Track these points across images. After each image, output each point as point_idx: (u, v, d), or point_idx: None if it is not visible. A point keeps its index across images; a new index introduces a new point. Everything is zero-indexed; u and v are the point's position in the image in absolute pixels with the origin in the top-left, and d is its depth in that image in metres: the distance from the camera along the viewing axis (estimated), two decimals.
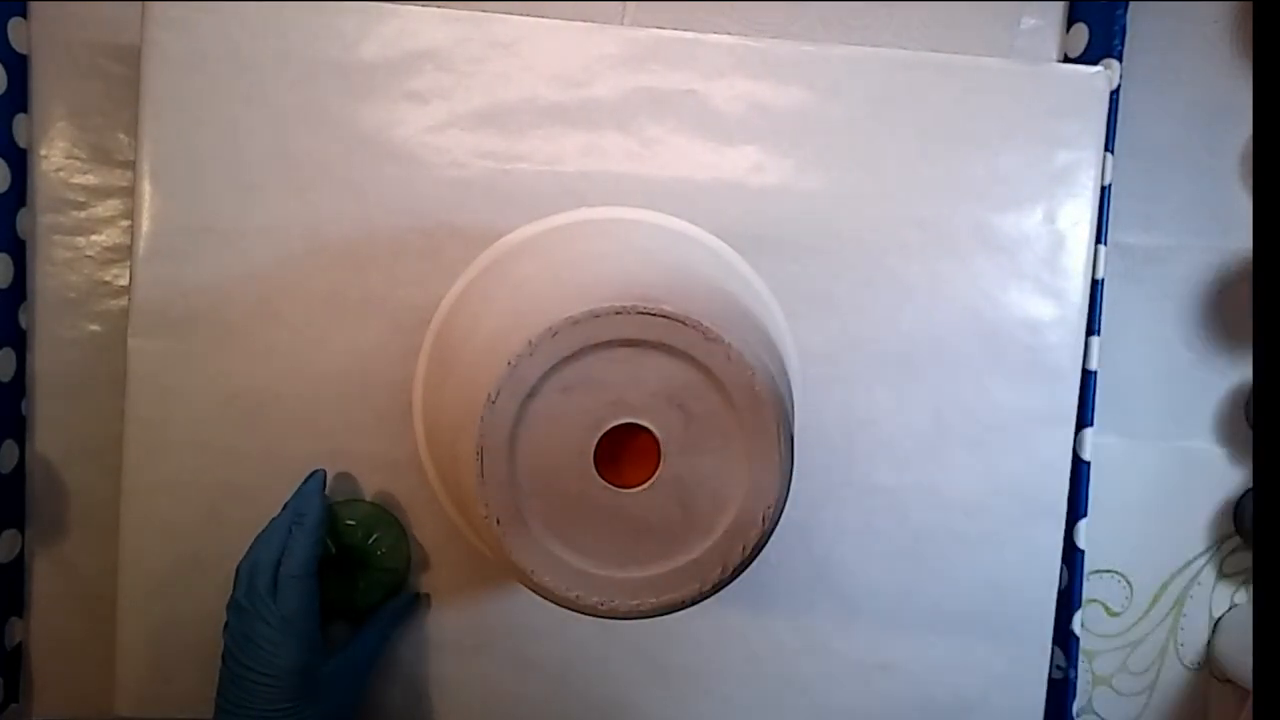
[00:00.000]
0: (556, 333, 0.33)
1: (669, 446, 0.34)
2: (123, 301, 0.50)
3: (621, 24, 0.52)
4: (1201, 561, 0.58)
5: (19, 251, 0.49)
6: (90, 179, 0.50)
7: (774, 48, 0.48)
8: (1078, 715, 0.58)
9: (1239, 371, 0.57)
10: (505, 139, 0.46)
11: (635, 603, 0.35)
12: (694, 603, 0.35)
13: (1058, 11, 0.55)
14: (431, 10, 0.46)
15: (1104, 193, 0.50)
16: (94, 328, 0.50)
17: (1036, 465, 0.50)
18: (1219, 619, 0.59)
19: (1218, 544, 0.58)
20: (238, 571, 0.42)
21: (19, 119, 0.48)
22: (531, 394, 0.33)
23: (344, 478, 0.47)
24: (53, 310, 0.50)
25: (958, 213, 0.49)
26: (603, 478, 0.34)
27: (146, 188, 0.45)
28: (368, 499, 0.47)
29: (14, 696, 0.51)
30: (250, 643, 0.41)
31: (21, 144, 0.49)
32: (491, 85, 0.46)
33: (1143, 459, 0.57)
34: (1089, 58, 0.53)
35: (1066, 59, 0.55)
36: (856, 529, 0.50)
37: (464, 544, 0.47)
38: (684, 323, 0.33)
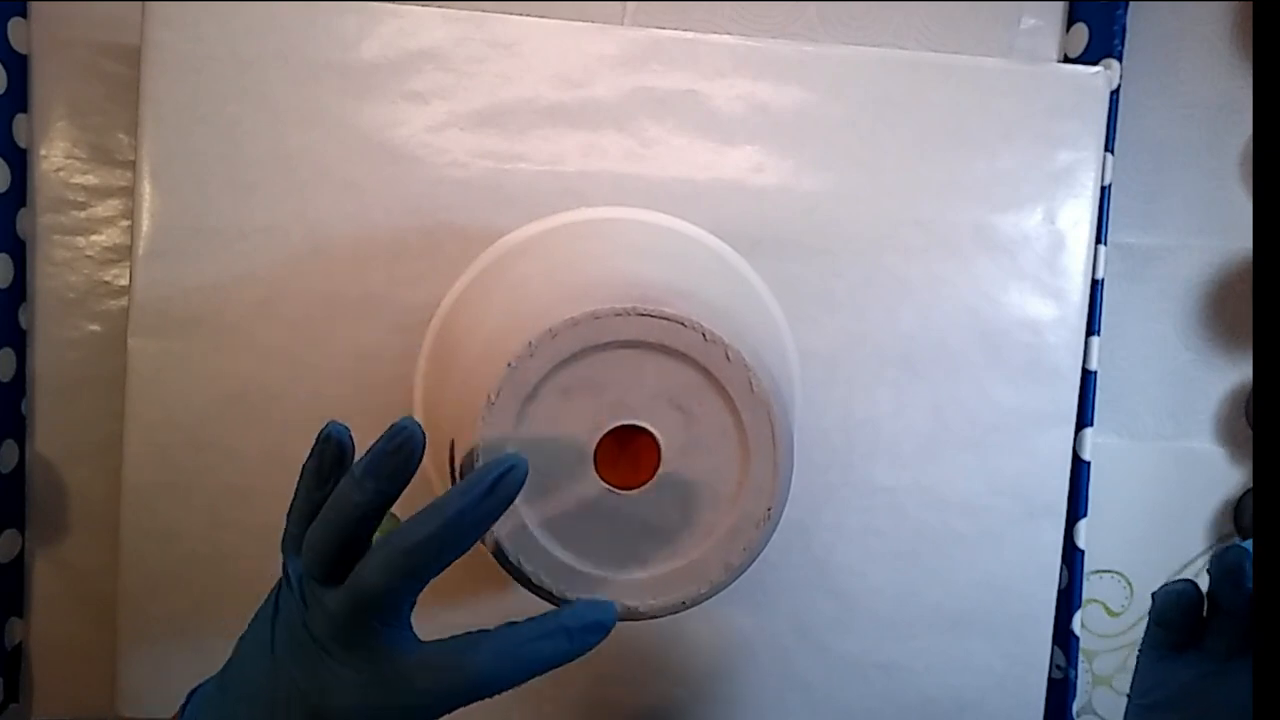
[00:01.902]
0: (556, 334, 0.33)
1: (669, 447, 0.34)
2: (123, 301, 0.50)
3: (621, 24, 0.52)
4: (1201, 561, 0.58)
5: (19, 251, 0.49)
6: (90, 179, 0.50)
7: (774, 48, 0.48)
8: (1078, 715, 0.58)
9: (1239, 371, 0.57)
10: (505, 139, 0.46)
11: (635, 603, 0.35)
12: (694, 603, 0.35)
13: (1058, 11, 0.55)
14: (431, 10, 0.46)
15: (1104, 193, 0.50)
16: (94, 328, 0.50)
17: (1036, 465, 0.50)
18: None
19: (1218, 544, 0.58)
20: (304, 542, 0.33)
21: (19, 119, 0.48)
22: (531, 395, 0.33)
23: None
24: (53, 310, 0.50)
25: (958, 213, 0.49)
26: (603, 479, 0.34)
27: (146, 188, 0.45)
28: None
29: (14, 696, 0.51)
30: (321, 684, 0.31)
31: (21, 144, 0.49)
32: (491, 85, 0.46)
33: (1143, 459, 0.57)
34: (1089, 58, 0.53)
35: (1066, 59, 0.55)
36: (856, 529, 0.50)
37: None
38: (683, 324, 0.33)
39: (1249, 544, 0.36)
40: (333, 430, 0.33)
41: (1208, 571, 0.37)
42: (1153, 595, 0.38)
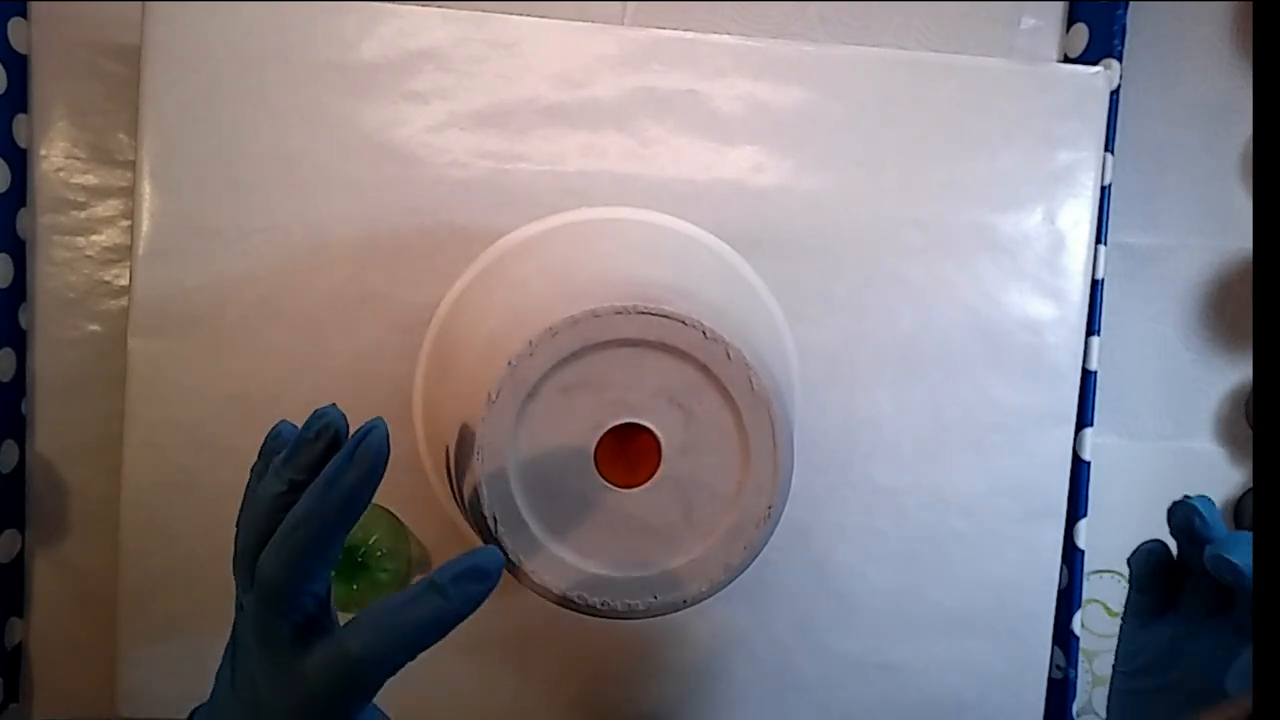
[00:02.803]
0: (557, 333, 0.33)
1: (669, 446, 0.34)
2: (123, 301, 0.50)
3: (622, 24, 0.52)
4: None
5: (19, 251, 0.49)
6: (90, 179, 0.50)
7: (774, 48, 0.48)
8: (1078, 715, 0.58)
9: (1239, 371, 0.57)
10: (505, 139, 0.46)
11: (635, 603, 0.35)
12: (694, 603, 0.35)
13: (1058, 11, 0.55)
14: (431, 10, 0.46)
15: (1104, 193, 0.50)
16: (94, 328, 0.50)
17: (1036, 465, 0.50)
18: None
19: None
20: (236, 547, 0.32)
21: (19, 119, 0.48)
22: (532, 394, 0.33)
23: None
24: (53, 310, 0.50)
25: (958, 213, 0.49)
26: (603, 477, 0.34)
27: (146, 188, 0.45)
28: None
29: (14, 696, 0.51)
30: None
31: (21, 144, 0.49)
32: (491, 85, 0.46)
33: (1143, 459, 0.57)
34: (1089, 58, 0.53)
35: (1066, 59, 0.55)
36: (856, 529, 0.50)
37: (464, 544, 0.47)
38: (684, 322, 0.33)
39: (1198, 499, 0.36)
40: (281, 428, 0.32)
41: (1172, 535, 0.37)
42: (1128, 561, 0.39)
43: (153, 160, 0.45)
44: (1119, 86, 0.51)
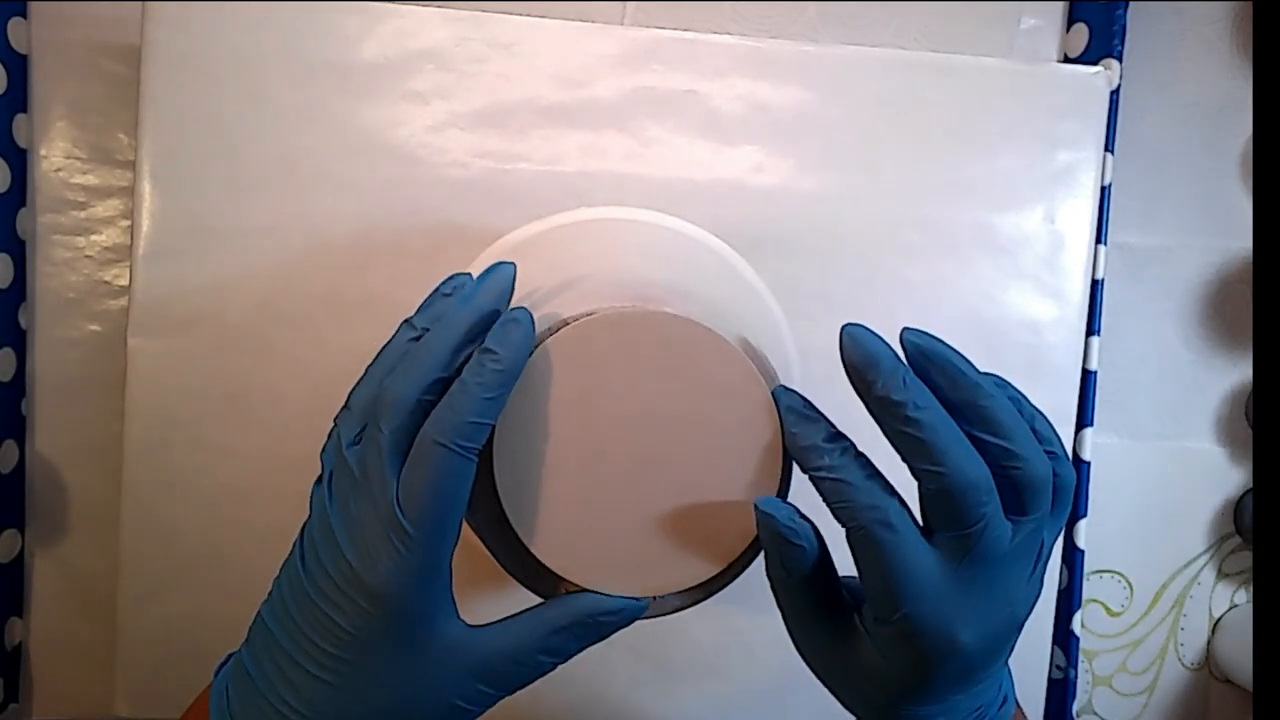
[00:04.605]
0: (556, 333, 0.33)
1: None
2: (123, 301, 0.50)
3: (621, 24, 0.52)
4: (1201, 561, 0.58)
5: (19, 251, 0.49)
6: (90, 179, 0.50)
7: (774, 48, 0.48)
8: (1078, 715, 0.58)
9: (1239, 371, 0.57)
10: (505, 139, 0.46)
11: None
12: (694, 603, 0.35)
13: (1058, 11, 0.55)
14: (431, 10, 0.46)
15: (1104, 193, 0.50)
16: (94, 328, 0.50)
17: None
18: (1219, 619, 0.59)
19: (1218, 544, 0.58)
20: (349, 400, 0.32)
21: (19, 119, 0.48)
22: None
23: None
24: (53, 310, 0.50)
25: (958, 213, 0.49)
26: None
27: (146, 188, 0.45)
28: None
29: (14, 696, 0.51)
30: (332, 533, 0.29)
31: (21, 144, 0.49)
32: (491, 85, 0.46)
33: (1143, 459, 0.57)
34: (1089, 58, 0.53)
35: (1066, 59, 0.55)
36: None
37: (464, 543, 0.47)
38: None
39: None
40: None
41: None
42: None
43: (153, 160, 0.45)
44: (1119, 86, 0.51)
